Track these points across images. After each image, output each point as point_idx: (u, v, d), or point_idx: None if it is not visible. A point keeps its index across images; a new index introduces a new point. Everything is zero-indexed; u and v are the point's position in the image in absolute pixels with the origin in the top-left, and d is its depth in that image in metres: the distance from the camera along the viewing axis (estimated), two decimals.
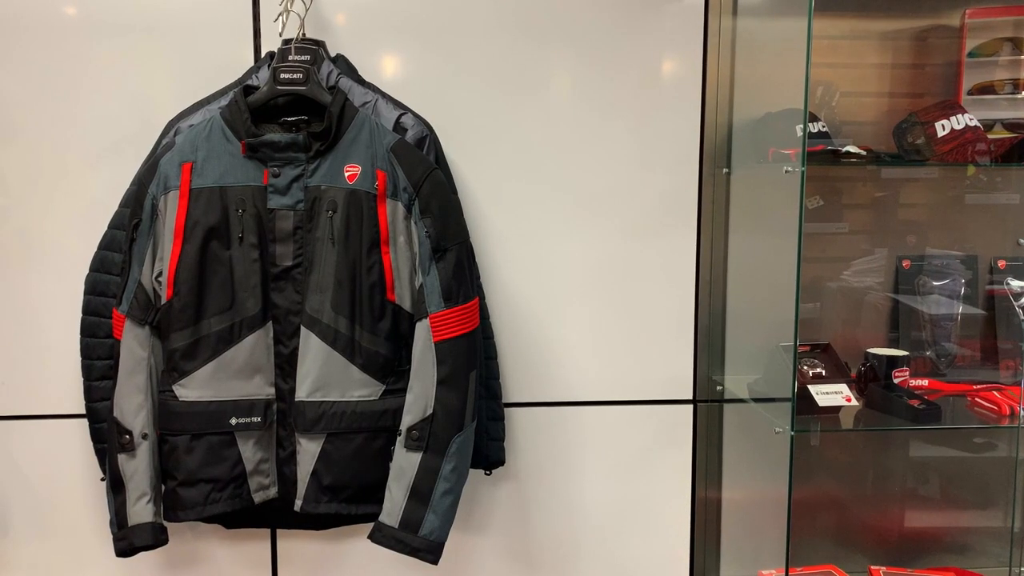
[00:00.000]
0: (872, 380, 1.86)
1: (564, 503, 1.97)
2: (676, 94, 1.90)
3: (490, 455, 1.81)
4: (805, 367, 1.86)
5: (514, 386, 1.92)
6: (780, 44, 1.81)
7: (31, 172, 1.78)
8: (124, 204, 1.68)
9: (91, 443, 1.74)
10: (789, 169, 1.64)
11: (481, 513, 1.95)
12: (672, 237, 1.93)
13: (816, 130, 1.84)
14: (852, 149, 1.81)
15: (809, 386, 1.78)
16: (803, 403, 1.72)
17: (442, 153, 1.77)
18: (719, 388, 1.97)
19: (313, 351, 1.58)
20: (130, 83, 1.78)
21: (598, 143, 1.89)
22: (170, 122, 1.71)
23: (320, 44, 1.72)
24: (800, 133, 1.65)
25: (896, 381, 1.85)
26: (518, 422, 1.93)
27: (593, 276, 1.92)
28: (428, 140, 1.74)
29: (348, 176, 1.60)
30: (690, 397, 1.98)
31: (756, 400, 1.85)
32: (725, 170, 1.94)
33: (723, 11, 1.89)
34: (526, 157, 1.87)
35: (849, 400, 1.77)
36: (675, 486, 1.99)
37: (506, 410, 1.87)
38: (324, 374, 1.58)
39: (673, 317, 1.95)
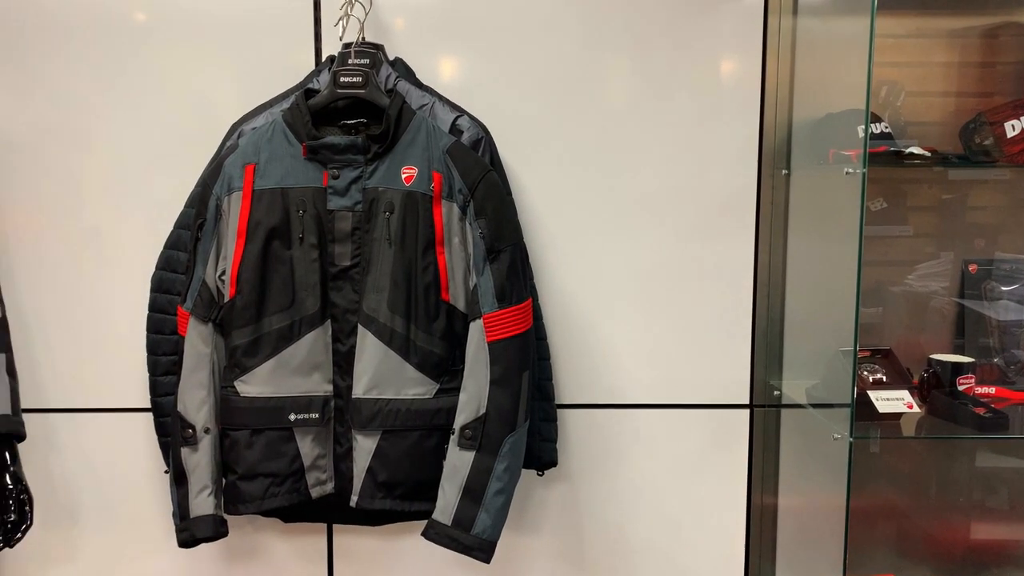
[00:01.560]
0: (935, 387, 1.81)
1: (617, 506, 1.96)
2: (734, 94, 1.88)
3: (542, 456, 1.82)
4: (865, 373, 1.82)
5: (567, 387, 1.92)
6: (842, 43, 1.78)
7: (102, 173, 1.84)
8: (189, 204, 1.74)
9: (156, 436, 1.80)
10: (850, 171, 1.61)
11: (533, 514, 1.96)
12: (729, 239, 1.91)
13: (878, 131, 1.80)
14: (916, 150, 1.77)
15: (869, 392, 1.74)
16: (863, 409, 1.69)
17: (497, 155, 1.79)
18: (776, 393, 1.94)
19: (370, 349, 1.60)
20: (196, 86, 1.83)
21: (654, 144, 1.88)
22: (234, 125, 1.75)
23: (379, 48, 1.75)
24: (862, 134, 1.61)
25: (961, 388, 1.80)
26: (571, 424, 1.93)
27: (648, 278, 1.91)
28: (483, 142, 1.75)
29: (405, 178, 1.62)
30: (747, 402, 1.95)
31: (814, 406, 1.82)
32: (784, 171, 1.91)
33: (783, 11, 1.87)
34: (581, 158, 1.87)
35: (911, 407, 1.72)
36: (730, 492, 1.97)
37: (559, 411, 1.87)
38: (380, 372, 1.60)
39: (729, 320, 1.92)
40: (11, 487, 1.65)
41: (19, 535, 1.66)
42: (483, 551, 1.59)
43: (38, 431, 1.84)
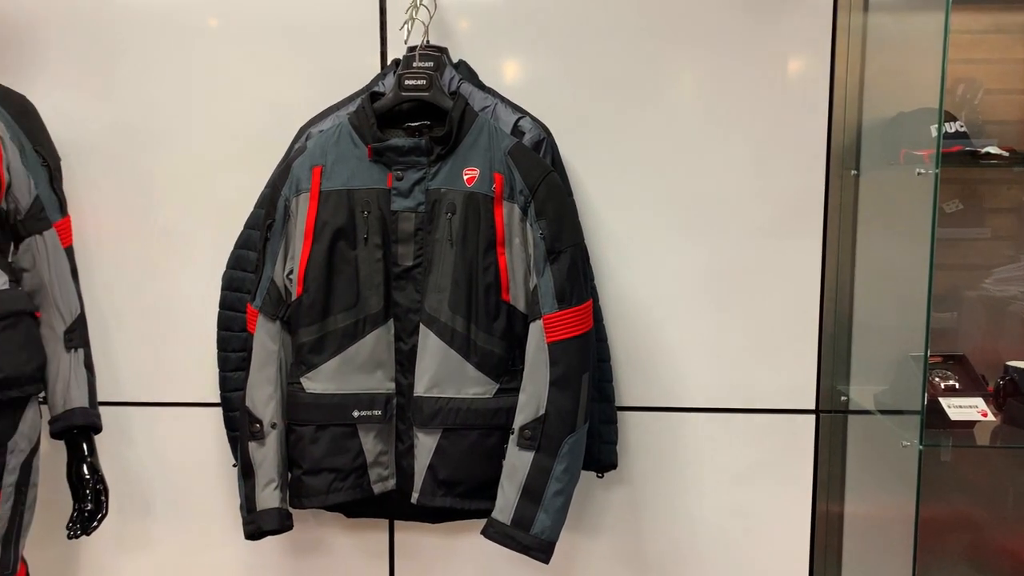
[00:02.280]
0: (1012, 395, 1.75)
1: (678, 510, 1.94)
2: (802, 94, 1.84)
3: (602, 458, 1.81)
4: (937, 379, 1.77)
5: (628, 390, 1.91)
6: (915, 40, 1.73)
7: (175, 174, 1.91)
8: (259, 205, 1.78)
9: (225, 431, 1.85)
10: (922, 171, 1.57)
11: (593, 515, 1.95)
12: (796, 241, 1.87)
13: (953, 130, 1.75)
14: (993, 150, 1.71)
15: (941, 399, 1.69)
16: (934, 417, 1.64)
17: (559, 155, 1.79)
18: (844, 399, 1.90)
19: (431, 348, 1.62)
20: (265, 90, 1.88)
21: (719, 144, 1.86)
22: (302, 128, 1.79)
23: (443, 51, 1.77)
24: (935, 133, 1.57)
25: None
26: (631, 426, 1.92)
27: (711, 280, 1.88)
28: (545, 143, 1.75)
29: (467, 179, 1.63)
30: (812, 407, 1.91)
31: (883, 412, 1.77)
32: (854, 172, 1.87)
33: (853, 8, 1.82)
34: (644, 159, 1.86)
35: (985, 415, 1.67)
36: (795, 498, 1.93)
37: (619, 414, 1.86)
38: (441, 371, 1.62)
39: (795, 324, 1.89)
40: (88, 477, 1.72)
41: (95, 524, 1.73)
42: (542, 551, 1.59)
43: (113, 424, 1.91)
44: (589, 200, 1.87)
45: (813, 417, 1.91)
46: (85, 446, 1.74)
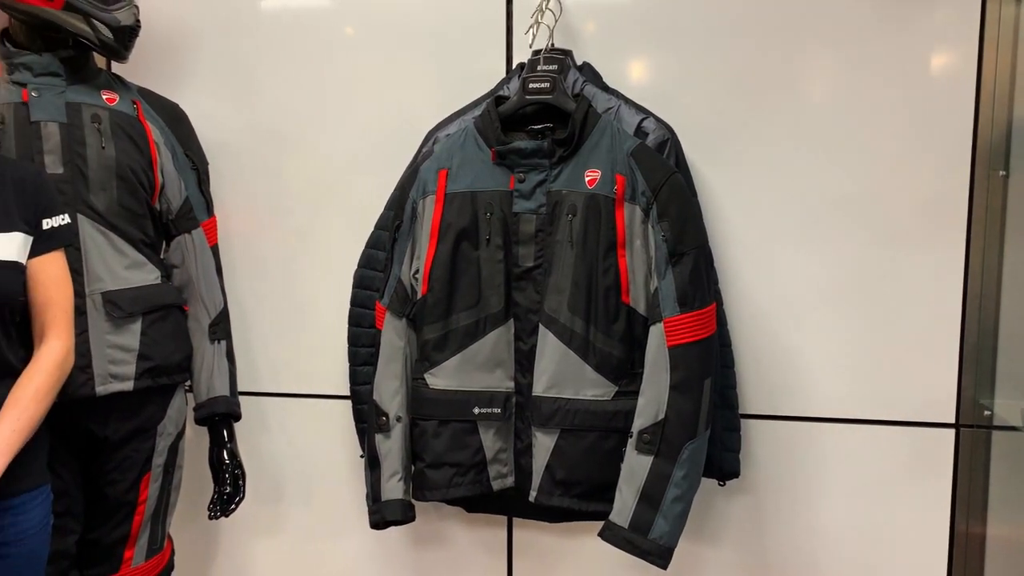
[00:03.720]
0: None
1: (803, 523, 1.88)
2: (946, 91, 1.74)
3: (724, 466, 1.77)
4: None
5: (752, 397, 1.86)
6: None
7: (309, 177, 2.00)
8: (388, 207, 1.85)
9: (354, 422, 1.92)
10: None
11: (714, 524, 1.91)
12: (936, 245, 1.77)
13: None
14: None
15: None
16: None
17: (683, 156, 1.76)
18: (987, 413, 1.78)
19: (550, 349, 1.63)
20: (396, 95, 1.94)
21: (853, 144, 1.78)
22: (430, 132, 1.85)
23: (567, 53, 1.78)
24: None
25: None
26: (755, 434, 1.87)
27: (842, 285, 1.81)
28: (669, 144, 1.73)
29: (588, 181, 1.64)
30: (952, 421, 1.80)
31: None
32: (1002, 173, 1.75)
33: None
34: (772, 159, 1.81)
35: None
36: (931, 518, 1.83)
37: (743, 421, 1.82)
38: (559, 372, 1.63)
39: (934, 333, 1.79)
40: (228, 462, 1.83)
41: (233, 506, 1.84)
42: (660, 557, 1.58)
43: (251, 412, 2.02)
44: (715, 202, 1.83)
45: (952, 432, 1.81)
46: (225, 432, 1.85)
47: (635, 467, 1.59)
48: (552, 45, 1.76)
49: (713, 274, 1.73)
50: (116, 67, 1.94)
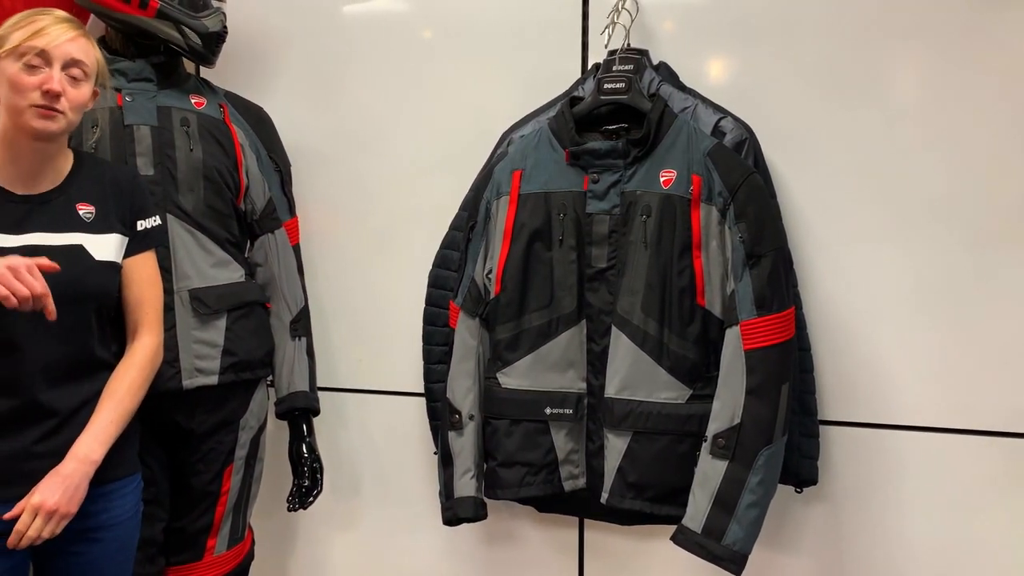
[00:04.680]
0: None
1: (883, 534, 1.82)
2: None
3: (801, 473, 1.73)
4: None
5: (832, 403, 1.81)
6: None
7: (387, 178, 2.03)
8: (463, 208, 1.87)
9: (427, 419, 1.95)
10: None
11: (790, 532, 1.87)
12: None
13: None
14: None
15: None
16: None
17: (762, 156, 1.73)
18: None
19: (622, 350, 1.63)
20: (471, 96, 1.96)
21: (945, 143, 1.71)
22: (504, 133, 1.86)
23: (643, 53, 1.76)
24: None
25: None
26: (834, 441, 1.82)
27: (930, 290, 1.74)
28: (747, 143, 1.70)
29: (663, 181, 1.62)
30: None
31: None
32: None
33: None
34: (857, 160, 1.76)
35: None
36: (1020, 533, 1.75)
37: (821, 428, 1.77)
38: (632, 374, 1.62)
39: None
40: (306, 456, 1.88)
41: (311, 499, 1.88)
42: (734, 563, 1.55)
43: (329, 407, 2.07)
44: (795, 203, 1.79)
45: None
46: (305, 427, 1.90)
47: (709, 472, 1.57)
48: (628, 45, 1.75)
49: (792, 277, 1.70)
50: (204, 72, 2.01)
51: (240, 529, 1.86)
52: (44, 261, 1.33)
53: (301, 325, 1.91)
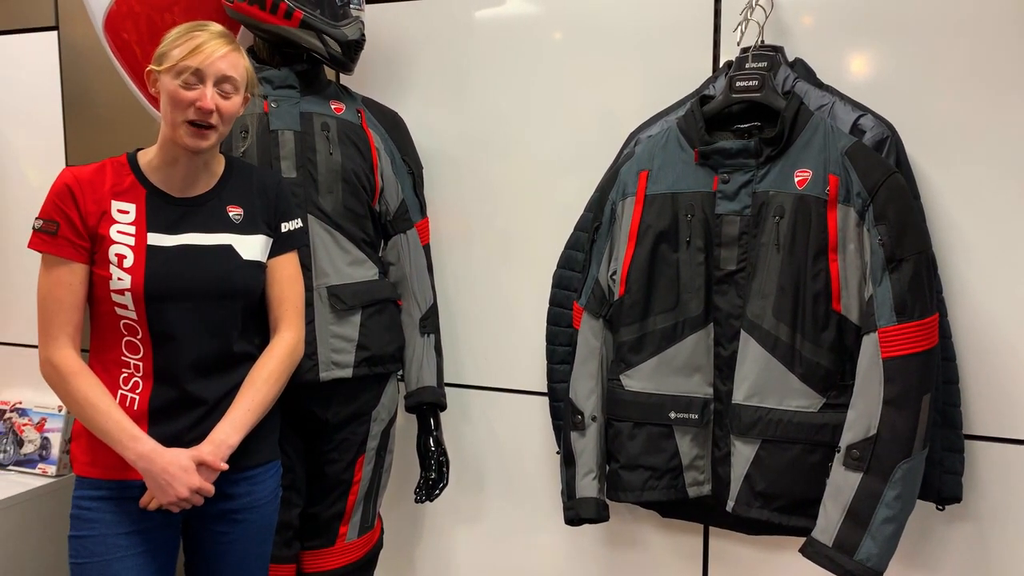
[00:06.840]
0: None
1: None
2: None
3: (943, 489, 1.64)
4: None
5: (979, 416, 1.70)
6: None
7: (514, 180, 2.06)
8: (588, 209, 1.87)
9: (550, 419, 1.97)
10: None
11: (930, 551, 1.77)
12: None
13: None
14: None
15: None
16: None
17: (904, 155, 1.65)
18: None
19: (752, 356, 1.59)
20: (599, 97, 1.96)
21: None
22: (631, 133, 1.85)
23: (778, 50, 1.71)
24: None
25: None
26: (981, 457, 1.71)
27: None
28: (889, 142, 1.63)
29: (798, 181, 1.57)
30: None
31: None
32: None
33: None
34: (1010, 160, 1.65)
35: None
36: None
37: (967, 442, 1.67)
38: (762, 380, 1.58)
39: None
40: (433, 450, 1.93)
41: (437, 492, 1.93)
42: None
43: (455, 403, 2.12)
44: (940, 205, 1.70)
45: None
46: (432, 421, 1.95)
47: (842, 484, 1.51)
48: (762, 42, 1.71)
49: (936, 282, 1.61)
50: (343, 79, 2.09)
51: (370, 518, 1.93)
52: (207, 486, 1.50)
53: (430, 322, 1.96)
